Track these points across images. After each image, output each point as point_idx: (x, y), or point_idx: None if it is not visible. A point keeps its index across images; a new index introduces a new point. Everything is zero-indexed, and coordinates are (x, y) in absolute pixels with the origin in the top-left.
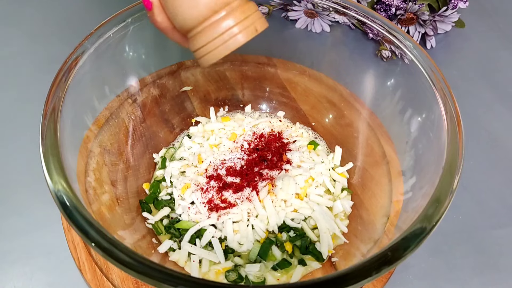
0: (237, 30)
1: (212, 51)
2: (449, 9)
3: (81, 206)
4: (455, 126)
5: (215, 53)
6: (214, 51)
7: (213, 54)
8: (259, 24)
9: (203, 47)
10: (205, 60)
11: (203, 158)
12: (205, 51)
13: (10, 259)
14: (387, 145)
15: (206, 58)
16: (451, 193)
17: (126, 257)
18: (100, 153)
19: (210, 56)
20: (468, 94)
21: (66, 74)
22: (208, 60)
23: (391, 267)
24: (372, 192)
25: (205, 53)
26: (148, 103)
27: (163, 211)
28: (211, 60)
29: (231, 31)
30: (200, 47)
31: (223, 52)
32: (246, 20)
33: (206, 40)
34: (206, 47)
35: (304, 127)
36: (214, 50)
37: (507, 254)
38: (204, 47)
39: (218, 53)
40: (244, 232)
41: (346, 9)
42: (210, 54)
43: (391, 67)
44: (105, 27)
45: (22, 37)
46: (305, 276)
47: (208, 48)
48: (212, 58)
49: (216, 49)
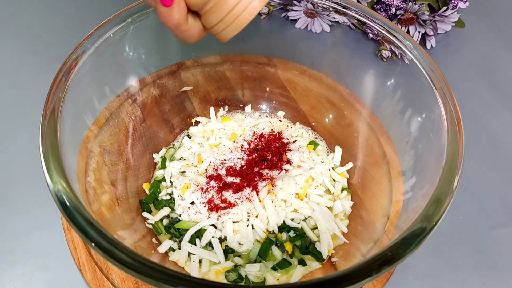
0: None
1: (235, 20)
2: (449, 9)
3: (81, 206)
4: (455, 126)
5: (239, 20)
6: (238, 19)
7: (237, 22)
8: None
9: (222, 21)
10: (227, 32)
11: (203, 158)
12: (225, 24)
13: (10, 259)
14: (387, 145)
15: (227, 31)
16: (451, 193)
17: (126, 257)
18: (100, 153)
19: (232, 27)
20: (468, 94)
21: (66, 74)
22: (231, 31)
23: (391, 267)
24: (372, 192)
25: (226, 26)
26: (148, 103)
27: (163, 211)
28: (233, 32)
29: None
30: (219, 21)
31: (247, 18)
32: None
33: (225, 10)
34: (225, 19)
35: (304, 127)
36: (238, 18)
37: (507, 254)
38: (223, 20)
39: (240, 22)
40: (244, 232)
41: (346, 9)
42: (234, 23)
43: (391, 67)
44: (105, 27)
45: (22, 37)
46: (305, 276)
47: (229, 18)
48: (236, 26)
49: (240, 16)
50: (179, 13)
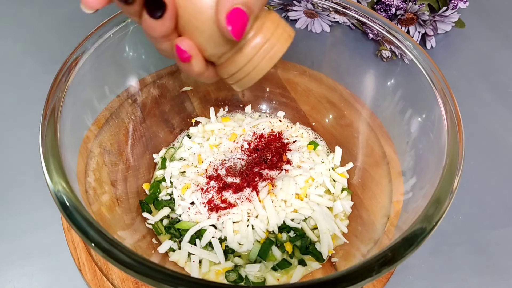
0: (275, 40)
1: (254, 68)
2: (449, 9)
3: (81, 207)
4: (455, 126)
5: (259, 69)
6: (257, 68)
7: (257, 71)
8: (289, 30)
9: (240, 71)
10: (244, 82)
11: (203, 158)
12: (243, 73)
13: (10, 259)
14: (387, 146)
15: (248, 78)
16: (451, 193)
17: (126, 257)
18: (100, 153)
19: (253, 74)
20: (468, 94)
21: (66, 74)
22: (252, 79)
23: (391, 267)
24: (372, 192)
25: (244, 75)
26: (148, 103)
27: (163, 212)
28: (254, 79)
29: (270, 43)
30: (237, 71)
31: (267, 66)
32: (278, 28)
33: (244, 60)
34: (245, 67)
35: (304, 127)
36: (257, 66)
37: (507, 254)
38: (243, 68)
39: (262, 69)
40: (244, 232)
41: (346, 9)
42: (253, 72)
43: (391, 67)
44: (105, 27)
45: (22, 37)
46: (305, 277)
47: (248, 68)
48: (256, 75)
49: (259, 65)
50: (198, 67)
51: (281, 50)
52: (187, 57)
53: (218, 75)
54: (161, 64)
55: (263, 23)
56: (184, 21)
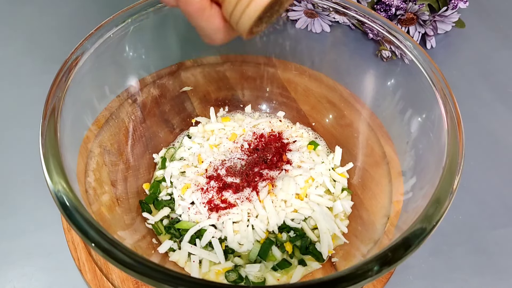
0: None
1: (247, 6)
2: (449, 9)
3: (81, 207)
4: (455, 126)
5: (251, 8)
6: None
7: (249, 11)
8: None
9: (236, 7)
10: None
11: (203, 158)
12: (239, 10)
13: (10, 259)
14: (387, 146)
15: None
16: (451, 193)
17: (126, 257)
18: (100, 153)
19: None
20: (468, 94)
21: (66, 74)
22: (247, 20)
23: (391, 267)
24: (372, 192)
25: (240, 13)
26: (148, 103)
27: (163, 212)
28: (248, 20)
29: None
30: (233, 9)
31: (259, 6)
32: None
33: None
34: (239, 4)
35: (304, 127)
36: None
37: (507, 254)
38: (237, 5)
39: (254, 9)
40: (244, 232)
41: (346, 9)
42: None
43: (391, 67)
44: (105, 27)
45: (22, 37)
46: (305, 277)
47: (242, 4)
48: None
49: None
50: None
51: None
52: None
53: (224, 31)
54: (161, 64)
55: None
56: None
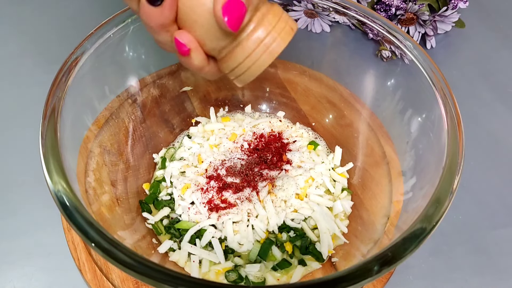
0: (276, 34)
1: (254, 63)
2: (449, 9)
3: (81, 207)
4: (455, 126)
5: (259, 63)
6: (257, 62)
7: (257, 66)
8: (292, 23)
9: (240, 65)
10: (245, 77)
11: (203, 158)
12: (243, 68)
13: (10, 259)
14: (387, 146)
15: (245, 75)
16: (451, 193)
17: (126, 257)
18: (100, 153)
19: (253, 69)
20: (468, 94)
21: (66, 74)
22: (252, 74)
23: (391, 267)
24: (372, 192)
25: (244, 70)
26: (148, 103)
27: (163, 211)
28: (254, 74)
29: (271, 36)
30: (237, 66)
31: (267, 61)
32: (280, 22)
33: (244, 55)
34: (245, 62)
35: (304, 127)
36: (257, 61)
37: (507, 254)
38: (242, 64)
39: (262, 63)
40: (244, 232)
41: (346, 9)
42: (253, 67)
43: (391, 67)
44: (105, 27)
45: (22, 37)
46: (305, 276)
47: (247, 62)
48: (256, 70)
49: (259, 59)
50: (198, 61)
51: (282, 45)
52: (186, 50)
53: (220, 71)
54: (161, 64)
55: (264, 15)
56: (183, 14)
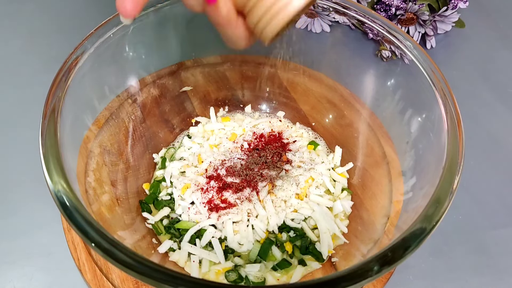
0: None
1: (271, 21)
2: (449, 9)
3: (81, 207)
4: (455, 126)
5: (275, 22)
6: (273, 21)
7: (273, 24)
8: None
9: (260, 20)
10: (267, 33)
11: (203, 158)
12: (263, 23)
13: (10, 259)
14: (387, 146)
15: (267, 31)
16: (451, 193)
17: (126, 257)
18: (100, 153)
19: (271, 27)
20: (468, 94)
21: (66, 74)
22: (270, 32)
23: (391, 267)
24: (372, 192)
25: (264, 25)
26: (148, 103)
27: (163, 211)
28: (272, 31)
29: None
30: (265, 11)
31: (281, 20)
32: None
33: (262, 9)
34: (264, 18)
35: (304, 127)
36: (274, 19)
37: (507, 254)
38: (262, 19)
39: (277, 22)
40: (244, 232)
41: (346, 9)
42: (270, 25)
43: (391, 67)
44: (105, 27)
45: (22, 37)
46: (305, 276)
47: (265, 19)
48: (272, 29)
49: (275, 17)
50: (226, 8)
51: (299, 2)
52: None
53: (249, 32)
54: (161, 64)
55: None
56: None
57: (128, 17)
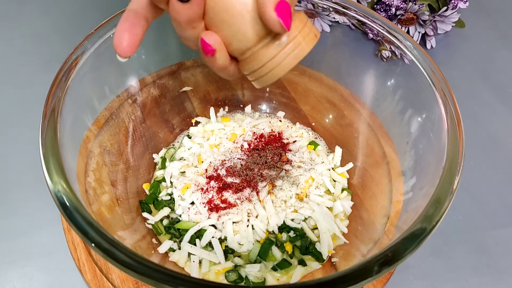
0: (301, 39)
1: (278, 65)
2: (449, 9)
3: (81, 207)
4: (455, 126)
5: (282, 66)
6: (280, 65)
7: (279, 68)
8: (315, 30)
9: (264, 66)
10: (269, 77)
11: (203, 159)
12: (266, 69)
13: (10, 259)
14: (387, 146)
15: (270, 75)
16: (451, 193)
17: (126, 257)
18: (100, 153)
19: (276, 71)
20: (468, 94)
21: (66, 74)
22: (274, 76)
23: (391, 267)
24: (372, 192)
25: (268, 71)
26: (148, 103)
27: (163, 212)
28: (276, 76)
29: (296, 41)
30: (260, 67)
31: (290, 65)
32: (305, 27)
33: (268, 57)
34: (268, 64)
35: (304, 127)
36: (281, 64)
37: (507, 254)
38: (266, 65)
39: (285, 66)
40: (244, 232)
41: (346, 9)
42: (276, 69)
43: (391, 67)
44: (105, 27)
45: (22, 37)
46: (305, 277)
47: (271, 65)
48: (278, 72)
49: (282, 62)
50: (222, 61)
51: (306, 49)
52: (211, 50)
53: (240, 72)
54: (161, 64)
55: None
56: (213, 13)
57: (124, 56)
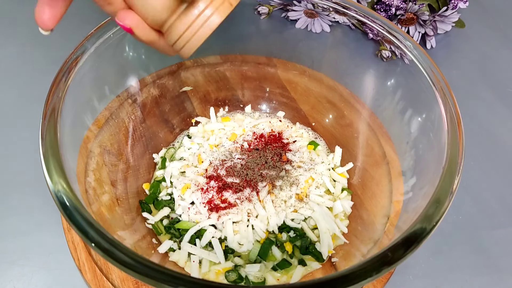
0: (212, 10)
1: (194, 35)
2: (449, 9)
3: (81, 207)
4: (455, 126)
5: (198, 35)
6: (196, 34)
7: (196, 38)
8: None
9: (181, 37)
10: (186, 49)
11: (203, 158)
12: (184, 40)
13: (10, 259)
14: (387, 146)
15: (187, 47)
16: (451, 193)
17: (126, 257)
18: (100, 153)
19: (193, 40)
20: (468, 94)
21: (66, 74)
22: (190, 48)
23: (391, 267)
24: (372, 192)
25: (185, 42)
26: (148, 103)
27: (163, 212)
28: (192, 48)
29: (205, 13)
30: (178, 38)
31: (206, 33)
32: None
33: (183, 27)
34: (184, 36)
35: (304, 127)
36: (197, 33)
37: (507, 254)
38: (182, 36)
39: (202, 35)
40: (244, 232)
41: (346, 9)
42: (193, 39)
43: (391, 67)
44: (105, 27)
45: (22, 37)
46: (305, 277)
47: (186, 36)
48: (196, 42)
49: (198, 31)
50: (145, 36)
51: (220, 17)
52: (128, 29)
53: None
54: (161, 64)
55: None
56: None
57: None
